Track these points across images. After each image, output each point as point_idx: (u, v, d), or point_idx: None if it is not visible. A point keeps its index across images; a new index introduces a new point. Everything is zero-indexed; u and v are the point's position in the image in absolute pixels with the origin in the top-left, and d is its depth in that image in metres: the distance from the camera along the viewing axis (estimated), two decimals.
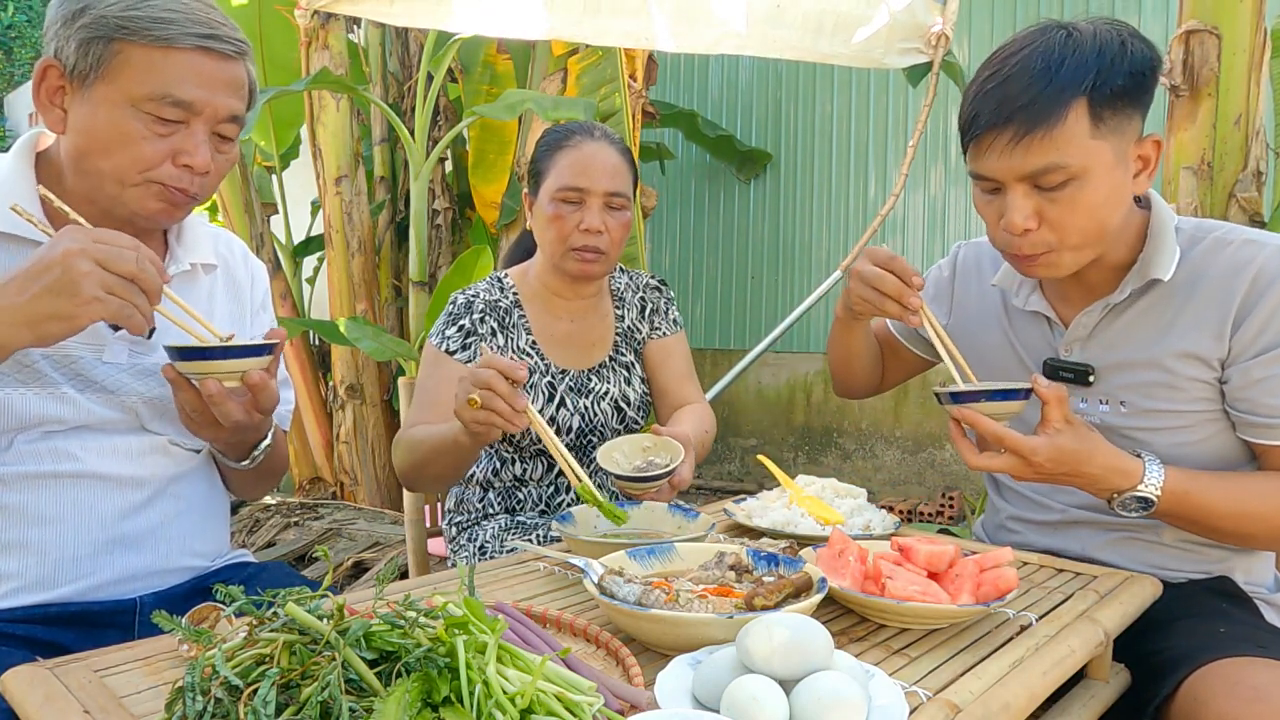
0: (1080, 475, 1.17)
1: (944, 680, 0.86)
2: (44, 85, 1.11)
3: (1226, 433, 1.25)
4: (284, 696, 0.65)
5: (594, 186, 1.59)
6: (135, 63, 1.07)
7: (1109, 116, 1.14)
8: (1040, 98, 1.12)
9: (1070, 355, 1.33)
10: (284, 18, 4.15)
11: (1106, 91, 1.12)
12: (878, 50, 3.16)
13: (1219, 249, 1.23)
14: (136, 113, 1.08)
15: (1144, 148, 1.19)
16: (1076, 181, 1.14)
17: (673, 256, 6.05)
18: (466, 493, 1.76)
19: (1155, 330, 1.25)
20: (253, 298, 1.38)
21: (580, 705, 0.68)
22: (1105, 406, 1.30)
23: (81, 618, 1.14)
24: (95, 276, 0.95)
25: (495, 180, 4.38)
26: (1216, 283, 1.21)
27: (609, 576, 0.96)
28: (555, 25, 3.04)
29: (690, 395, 1.78)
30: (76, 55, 1.08)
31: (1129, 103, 1.15)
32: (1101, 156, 1.14)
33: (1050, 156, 1.13)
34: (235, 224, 4.32)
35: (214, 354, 1.08)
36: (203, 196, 1.17)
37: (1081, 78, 1.12)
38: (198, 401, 1.11)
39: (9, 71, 13.91)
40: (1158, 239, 1.24)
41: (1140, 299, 1.27)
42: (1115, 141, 1.15)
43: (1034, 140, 1.13)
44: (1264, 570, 1.32)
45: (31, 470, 1.12)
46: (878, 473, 5.05)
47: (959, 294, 1.53)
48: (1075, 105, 1.12)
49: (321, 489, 4.42)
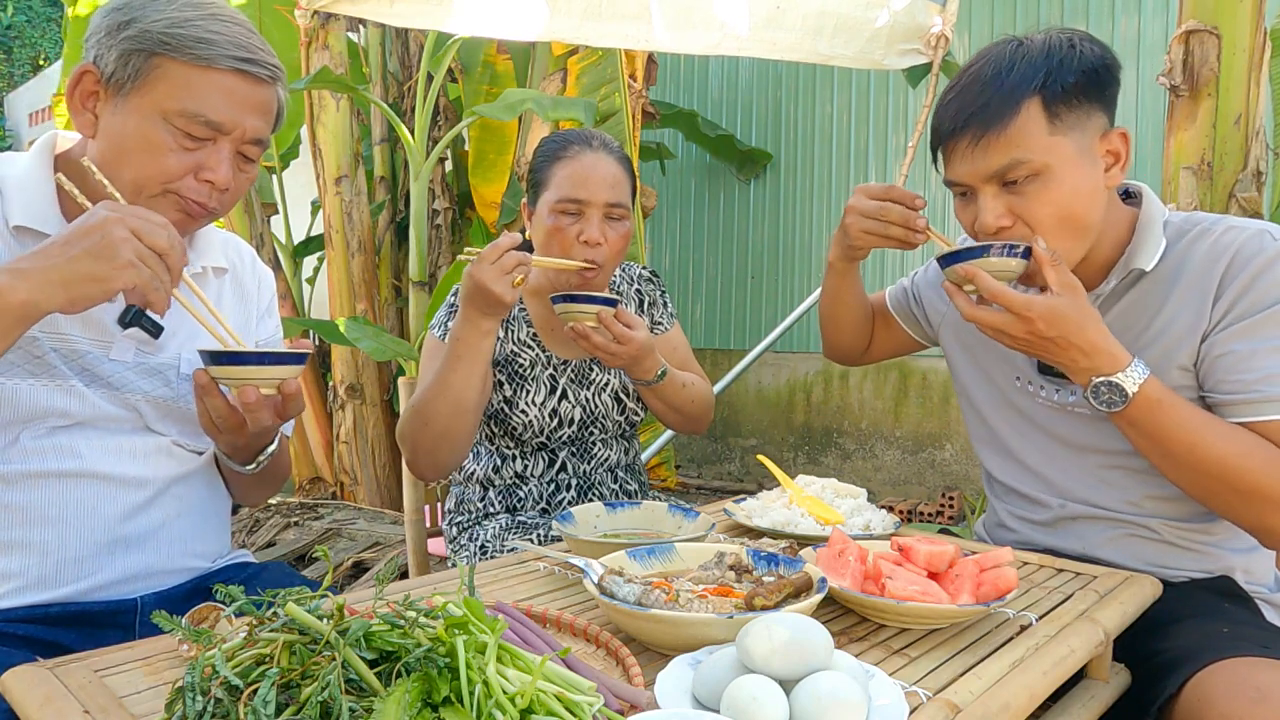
0: (1069, 346, 1.15)
1: (944, 680, 0.86)
2: (79, 89, 1.13)
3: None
4: (284, 696, 0.65)
5: (593, 198, 1.58)
6: (172, 78, 1.10)
7: (1065, 113, 1.17)
8: (993, 100, 1.18)
9: None
10: (284, 18, 4.15)
11: (1059, 89, 1.16)
12: (878, 52, 3.16)
13: (1203, 238, 1.24)
14: (166, 125, 1.10)
15: (1111, 142, 1.22)
16: (1041, 177, 1.18)
17: (672, 256, 6.05)
18: (467, 492, 1.77)
19: (1142, 320, 1.27)
20: (259, 302, 1.39)
21: (580, 705, 0.68)
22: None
23: (82, 618, 1.15)
24: (131, 244, 0.98)
25: (495, 180, 4.39)
26: (1199, 270, 1.22)
27: (609, 576, 0.96)
28: (555, 27, 3.04)
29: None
30: (116, 64, 1.10)
31: (1085, 99, 1.18)
32: (1062, 151, 1.17)
33: (1010, 154, 1.17)
34: (235, 224, 4.32)
35: (254, 359, 1.09)
36: (220, 212, 1.19)
37: (1032, 77, 1.17)
38: (225, 407, 1.12)
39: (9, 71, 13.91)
40: (1144, 232, 1.26)
41: (1128, 291, 1.28)
42: (1076, 137, 1.18)
43: (991, 140, 1.18)
44: (1265, 570, 1.32)
45: (35, 469, 1.12)
46: (878, 473, 5.05)
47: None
48: (1028, 103, 1.17)
49: (321, 489, 4.42)
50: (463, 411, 1.48)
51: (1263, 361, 1.15)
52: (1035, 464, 1.39)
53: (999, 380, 1.44)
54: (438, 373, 1.49)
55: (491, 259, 1.38)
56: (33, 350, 1.11)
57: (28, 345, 1.10)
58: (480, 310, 1.41)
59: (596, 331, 1.49)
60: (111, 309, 1.16)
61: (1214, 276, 1.20)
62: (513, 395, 1.66)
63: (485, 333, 1.44)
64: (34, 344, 1.11)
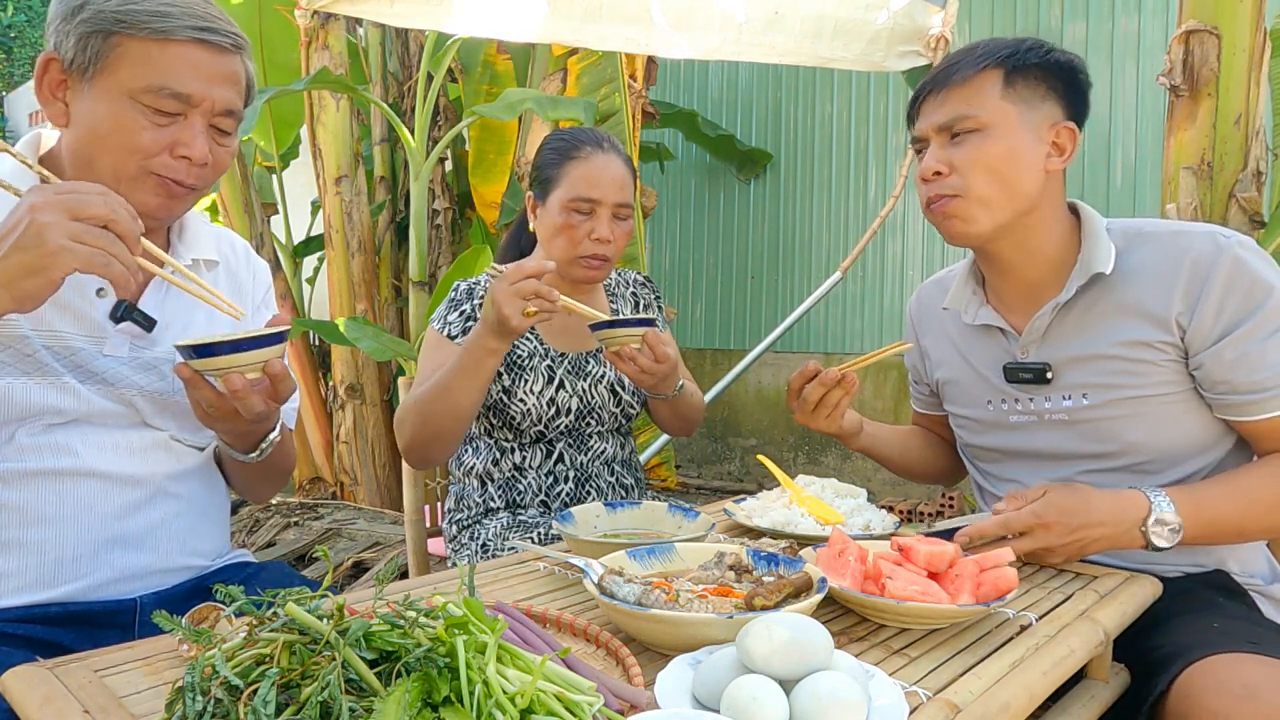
0: (1093, 520, 1.17)
1: (944, 680, 0.86)
2: (45, 79, 1.13)
3: (1194, 414, 1.28)
4: (284, 696, 0.65)
5: (605, 198, 1.66)
6: (133, 55, 1.09)
7: (1019, 84, 1.29)
8: (961, 62, 1.32)
9: (1027, 357, 1.38)
10: (284, 18, 4.15)
11: (1019, 64, 1.29)
12: (877, 54, 3.16)
13: (1148, 241, 1.31)
14: (134, 104, 1.09)
15: (1060, 134, 1.31)
16: (981, 133, 1.29)
17: (672, 256, 6.05)
18: (466, 487, 1.78)
19: (1102, 321, 1.31)
20: (254, 294, 1.39)
21: (580, 705, 0.68)
22: (1069, 400, 1.34)
23: (81, 617, 1.14)
24: (60, 226, 0.92)
25: (495, 180, 4.39)
26: (1151, 271, 1.28)
27: (609, 576, 0.96)
28: (555, 28, 3.04)
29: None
30: (75, 49, 1.09)
31: (1042, 82, 1.29)
32: (1007, 117, 1.28)
33: (960, 108, 1.30)
34: (235, 224, 4.32)
35: (230, 348, 1.06)
36: (201, 187, 1.17)
37: (998, 50, 1.30)
38: (215, 397, 1.10)
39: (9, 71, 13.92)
40: (1093, 238, 1.32)
41: (1084, 295, 1.33)
42: (1023, 111, 1.29)
43: (950, 93, 1.31)
44: (1257, 560, 1.33)
45: (32, 467, 1.12)
46: (878, 473, 5.05)
47: (922, 338, 1.61)
48: (990, 69, 1.29)
49: (321, 489, 4.42)
50: (458, 417, 1.53)
51: (1275, 356, 1.20)
52: (1022, 477, 1.42)
53: (979, 404, 1.47)
54: (441, 377, 1.51)
55: (512, 279, 1.38)
56: (24, 349, 1.10)
57: (18, 344, 1.09)
58: (491, 328, 1.42)
59: (640, 353, 1.49)
60: (103, 304, 1.16)
61: (1175, 280, 1.25)
62: (511, 385, 1.69)
63: (491, 351, 1.45)
64: (25, 342, 1.10)
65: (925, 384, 1.65)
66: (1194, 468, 1.29)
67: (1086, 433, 1.33)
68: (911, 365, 1.66)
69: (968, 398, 1.48)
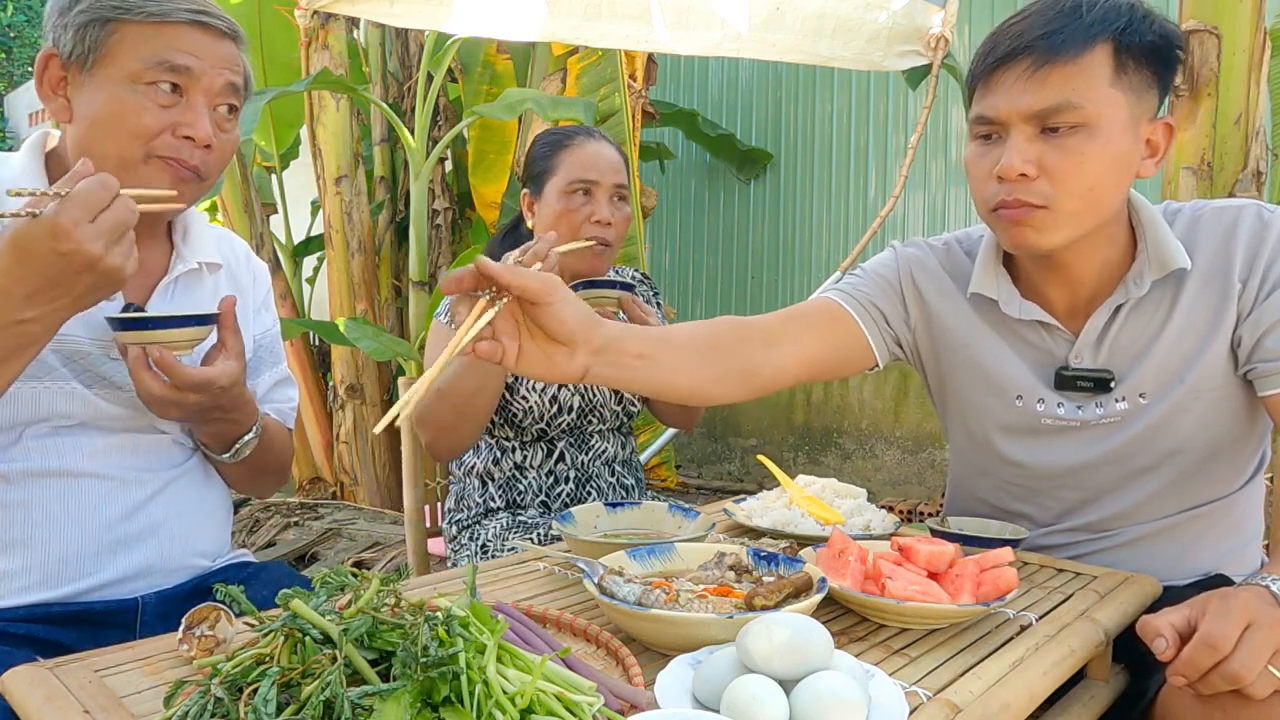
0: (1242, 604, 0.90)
1: (944, 680, 0.86)
2: (46, 76, 1.14)
3: (1232, 402, 1.19)
4: (284, 696, 0.65)
5: (602, 179, 1.68)
6: (131, 39, 1.10)
7: (1132, 69, 1.08)
8: (1066, 29, 1.06)
9: (1081, 362, 1.24)
10: (284, 18, 4.15)
11: (1135, 40, 1.06)
12: (877, 53, 3.16)
13: (1195, 223, 1.19)
14: (135, 87, 1.10)
15: (1155, 130, 1.13)
16: (1088, 129, 1.07)
17: (673, 256, 6.04)
18: (466, 487, 1.78)
19: (1170, 316, 1.20)
20: (254, 296, 1.39)
21: (580, 705, 0.68)
22: (1124, 404, 1.23)
23: (82, 617, 1.14)
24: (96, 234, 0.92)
25: (495, 180, 4.38)
26: (1207, 251, 1.17)
27: (609, 576, 0.96)
28: (555, 27, 3.05)
29: None
30: (74, 41, 1.10)
31: (1152, 66, 1.09)
32: (1117, 110, 1.07)
33: (1065, 93, 1.06)
34: (235, 224, 4.32)
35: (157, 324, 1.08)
36: (207, 173, 1.17)
37: (1113, 20, 1.06)
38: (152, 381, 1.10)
39: (9, 71, 13.91)
40: (1157, 229, 1.17)
41: (1152, 292, 1.20)
42: (1132, 102, 1.09)
43: (1053, 71, 1.06)
44: (1255, 565, 1.32)
45: (36, 467, 1.12)
46: (878, 473, 5.05)
47: (929, 299, 1.36)
48: (1101, 44, 1.06)
49: (321, 489, 4.42)
50: (483, 390, 1.54)
51: None
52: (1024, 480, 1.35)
53: (1004, 397, 1.31)
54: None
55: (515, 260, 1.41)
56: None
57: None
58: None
59: (617, 317, 1.52)
60: (110, 308, 1.16)
61: (1233, 254, 1.13)
62: (514, 382, 1.69)
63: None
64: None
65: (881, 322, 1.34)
66: (1216, 466, 1.24)
67: (1132, 435, 1.21)
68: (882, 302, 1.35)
69: (988, 387, 1.31)
